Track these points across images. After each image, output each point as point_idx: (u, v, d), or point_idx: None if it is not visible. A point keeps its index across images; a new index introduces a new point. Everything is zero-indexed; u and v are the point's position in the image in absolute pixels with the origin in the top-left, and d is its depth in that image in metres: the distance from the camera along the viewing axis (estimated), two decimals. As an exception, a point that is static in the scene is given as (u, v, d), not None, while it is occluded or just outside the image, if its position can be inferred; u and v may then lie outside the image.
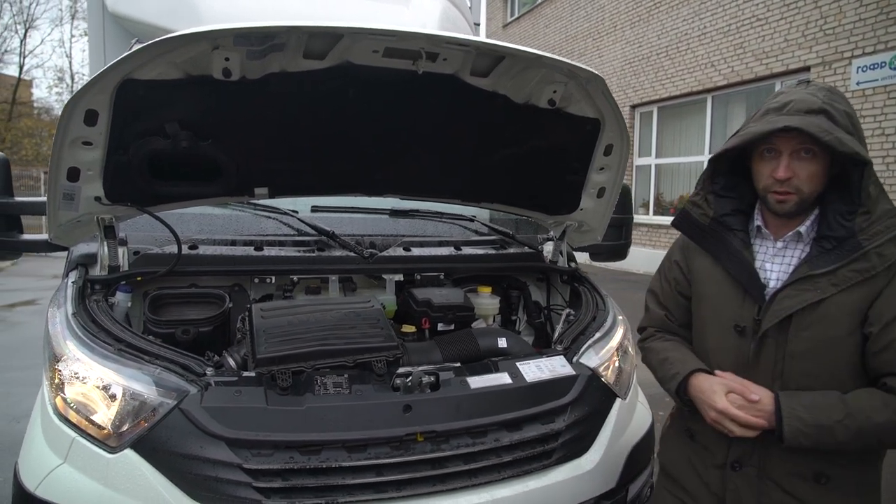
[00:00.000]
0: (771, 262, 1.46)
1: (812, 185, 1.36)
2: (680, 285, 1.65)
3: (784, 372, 1.39)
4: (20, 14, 30.85)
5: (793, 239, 1.44)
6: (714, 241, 1.51)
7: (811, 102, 1.32)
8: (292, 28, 1.67)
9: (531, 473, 1.92)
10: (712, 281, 1.52)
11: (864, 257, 1.32)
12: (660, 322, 1.70)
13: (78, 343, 1.81)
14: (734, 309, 1.46)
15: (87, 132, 1.82)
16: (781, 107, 1.35)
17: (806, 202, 1.38)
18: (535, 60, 1.94)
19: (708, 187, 1.53)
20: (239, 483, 1.64)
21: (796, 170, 1.34)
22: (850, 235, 1.33)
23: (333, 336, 1.94)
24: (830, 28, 8.04)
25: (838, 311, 1.33)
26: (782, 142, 1.34)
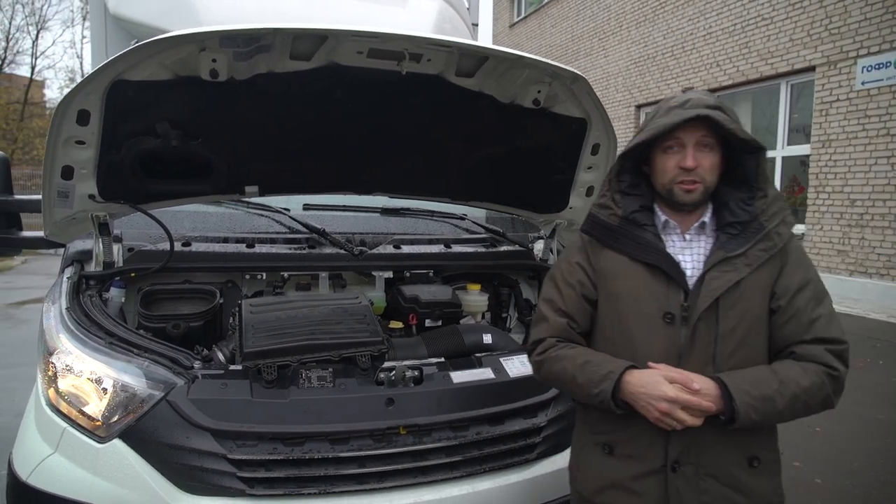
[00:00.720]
0: (682, 253, 1.50)
1: (713, 175, 1.46)
2: (585, 288, 1.57)
3: (716, 354, 1.42)
4: (32, 15, 31.29)
5: (698, 230, 1.51)
6: (626, 239, 1.52)
7: (707, 100, 1.44)
8: (277, 30, 1.72)
9: (513, 467, 1.95)
10: (628, 276, 1.51)
11: (766, 237, 1.43)
12: (561, 331, 1.57)
13: (70, 337, 1.87)
14: (659, 299, 1.46)
15: (80, 131, 1.87)
16: (683, 103, 1.44)
17: (708, 191, 1.47)
18: (517, 61, 1.97)
19: (615, 187, 1.56)
20: (223, 473, 1.69)
21: (700, 160, 1.43)
22: (752, 219, 1.45)
23: (320, 331, 1.98)
24: (836, 27, 8.00)
25: (754, 290, 1.43)
26: (687, 134, 1.43)
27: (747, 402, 1.33)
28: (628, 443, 1.48)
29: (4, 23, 33.56)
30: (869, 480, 3.54)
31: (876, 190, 7.56)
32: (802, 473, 3.57)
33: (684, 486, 1.43)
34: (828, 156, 8.09)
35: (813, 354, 1.39)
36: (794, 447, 3.92)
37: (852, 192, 7.81)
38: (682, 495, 1.43)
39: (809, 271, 1.47)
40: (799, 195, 8.78)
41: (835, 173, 8.01)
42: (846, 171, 7.87)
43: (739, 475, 1.43)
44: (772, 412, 1.35)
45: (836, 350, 1.40)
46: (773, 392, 1.35)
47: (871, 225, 7.61)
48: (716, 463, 1.43)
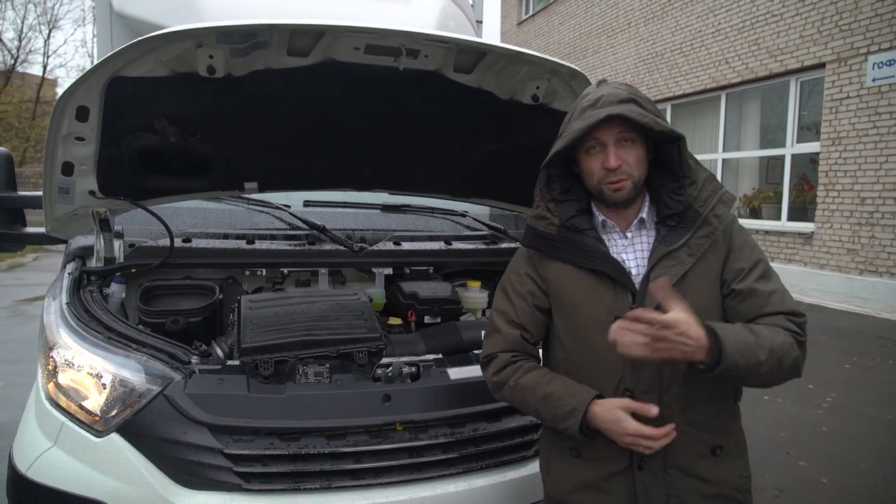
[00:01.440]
0: (625, 252, 1.49)
1: (640, 169, 1.44)
2: (536, 298, 1.55)
3: None
4: (44, 15, 31.53)
5: (637, 227, 1.49)
6: (568, 247, 1.49)
7: (620, 94, 1.41)
8: (273, 26, 1.72)
9: (510, 464, 1.95)
10: (576, 284, 1.48)
11: (705, 222, 1.42)
12: (515, 343, 1.55)
13: (70, 331, 1.88)
14: (608, 304, 1.44)
15: (80, 128, 1.89)
16: (595, 102, 1.41)
17: (638, 186, 1.45)
18: (515, 56, 1.97)
19: (546, 196, 1.52)
20: (220, 467, 1.70)
21: (623, 157, 1.41)
22: (686, 208, 1.43)
23: (318, 327, 1.98)
24: (846, 24, 7.92)
25: (700, 280, 1.41)
26: (605, 133, 1.40)
27: (734, 346, 1.30)
28: (594, 447, 1.47)
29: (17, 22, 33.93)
30: (875, 480, 3.50)
31: (887, 188, 7.49)
32: (808, 473, 3.54)
33: (651, 482, 1.45)
34: (837, 153, 8.02)
35: (778, 323, 1.38)
36: (800, 446, 3.89)
37: (862, 190, 7.73)
38: (650, 491, 1.45)
39: (755, 251, 1.46)
40: (808, 193, 8.71)
41: (845, 171, 7.93)
42: (856, 169, 7.80)
43: (703, 465, 1.45)
44: (754, 363, 1.31)
45: (797, 321, 1.39)
46: (754, 343, 1.32)
47: (882, 223, 7.53)
48: (681, 457, 1.44)
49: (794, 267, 8.62)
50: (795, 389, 4.93)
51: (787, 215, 9.01)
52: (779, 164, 9.28)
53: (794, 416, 4.42)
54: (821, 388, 4.98)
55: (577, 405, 1.41)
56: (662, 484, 1.44)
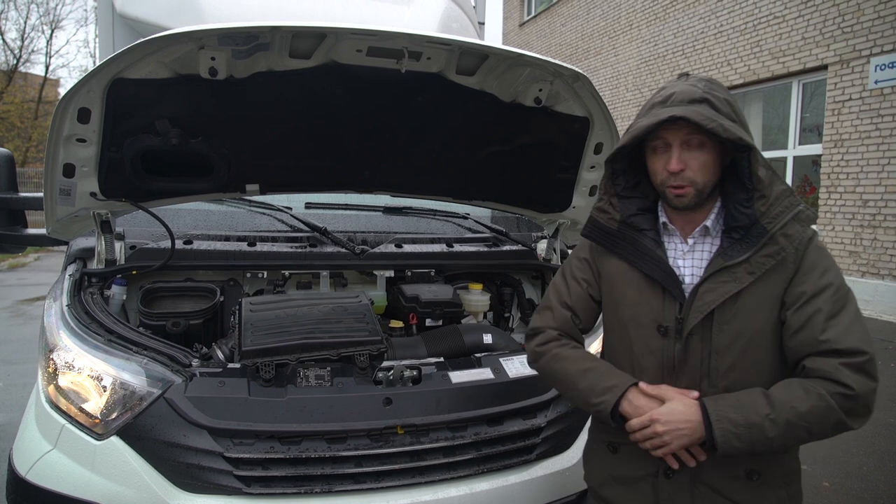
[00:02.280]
0: (683, 258, 1.43)
1: (705, 175, 1.35)
2: (591, 287, 1.56)
3: (710, 369, 1.36)
4: (46, 15, 31.55)
5: (701, 234, 1.42)
6: (625, 244, 1.46)
7: (692, 92, 1.32)
8: (275, 28, 1.71)
9: (512, 468, 1.94)
10: (629, 283, 1.46)
11: (771, 241, 1.31)
12: (564, 323, 1.55)
13: (70, 334, 1.88)
14: (655, 310, 1.41)
15: (81, 129, 1.88)
16: (665, 100, 1.35)
17: (703, 193, 1.36)
18: (518, 59, 1.96)
19: (611, 190, 1.49)
20: (220, 471, 1.69)
21: (688, 161, 1.33)
22: (753, 222, 1.32)
23: (319, 330, 1.98)
24: (849, 26, 7.90)
25: (757, 301, 1.32)
26: (670, 134, 1.34)
27: (727, 430, 1.24)
28: (629, 445, 1.45)
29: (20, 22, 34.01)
30: (878, 484, 3.49)
31: (889, 190, 7.46)
32: (810, 476, 3.53)
33: (676, 493, 1.41)
34: (840, 156, 8.00)
35: (823, 370, 1.25)
36: (802, 450, 3.86)
37: (864, 192, 7.71)
38: (674, 501, 1.41)
39: (827, 275, 1.31)
40: (810, 195, 8.69)
41: (847, 173, 7.91)
42: (858, 171, 7.78)
43: (735, 487, 1.37)
44: (761, 440, 1.24)
45: (853, 363, 1.23)
46: (761, 419, 1.23)
47: (884, 226, 7.51)
48: (711, 473, 1.37)
49: (796, 269, 8.59)
50: (797, 392, 4.92)
51: (789, 217, 8.98)
52: (781, 166, 9.25)
53: (796, 419, 4.41)
54: (823, 391, 4.96)
55: (619, 383, 1.39)
56: (689, 497, 1.40)
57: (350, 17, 3.19)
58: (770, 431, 1.23)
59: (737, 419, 1.25)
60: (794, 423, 1.23)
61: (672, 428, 1.29)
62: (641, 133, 1.34)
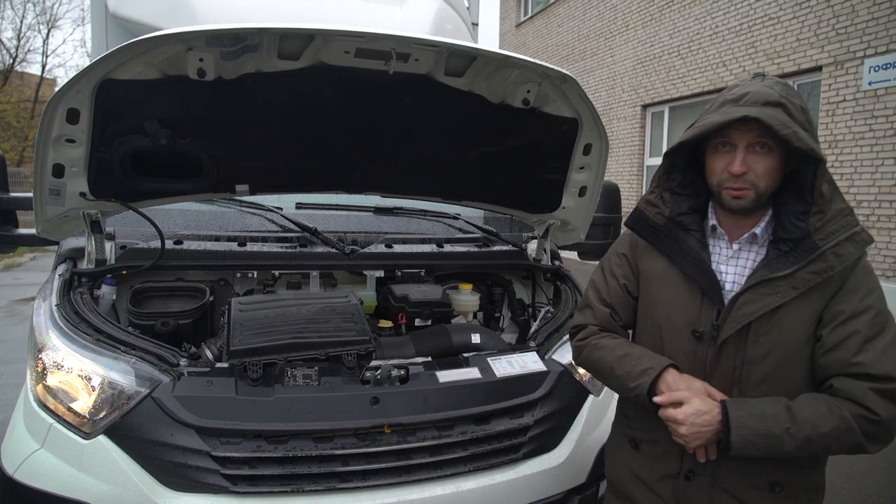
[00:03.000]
0: (726, 264, 1.40)
1: (768, 181, 1.31)
2: (629, 283, 1.55)
3: (742, 378, 1.34)
4: (43, 14, 31.51)
5: (748, 241, 1.39)
6: (670, 241, 1.44)
7: (769, 95, 1.27)
8: (262, 29, 1.72)
9: (498, 467, 1.95)
10: (667, 283, 1.45)
11: (821, 258, 1.27)
12: (604, 320, 1.56)
13: (59, 333, 1.88)
14: (692, 313, 1.39)
15: (70, 130, 1.89)
16: (738, 98, 1.30)
17: (761, 199, 1.33)
18: (505, 60, 1.97)
19: (664, 184, 1.46)
20: (207, 470, 1.70)
21: (752, 164, 1.29)
22: (805, 236, 1.28)
23: (307, 329, 1.98)
24: (843, 27, 7.93)
25: (797, 316, 1.30)
26: (738, 135, 1.30)
27: (745, 436, 1.24)
28: (651, 443, 1.48)
29: (16, 21, 33.91)
30: (868, 483, 3.51)
31: (882, 191, 7.49)
32: (800, 476, 3.55)
33: (697, 496, 1.40)
34: (834, 157, 8.02)
35: (851, 392, 1.23)
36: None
37: (858, 193, 7.73)
38: None
39: (870, 297, 1.28)
40: (805, 196, 8.72)
41: (841, 174, 7.93)
42: (852, 172, 7.80)
43: (756, 496, 1.36)
44: (776, 451, 1.24)
45: (883, 389, 1.21)
46: (781, 431, 1.22)
47: (878, 226, 7.53)
48: (732, 479, 1.37)
49: (790, 270, 8.62)
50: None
51: (784, 218, 9.01)
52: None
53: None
54: (815, 391, 4.99)
55: (654, 365, 1.39)
56: (709, 500, 1.39)
57: (343, 17, 3.19)
58: (787, 444, 1.23)
59: (757, 427, 1.24)
60: (813, 440, 1.22)
61: (694, 431, 1.28)
62: (710, 129, 1.30)
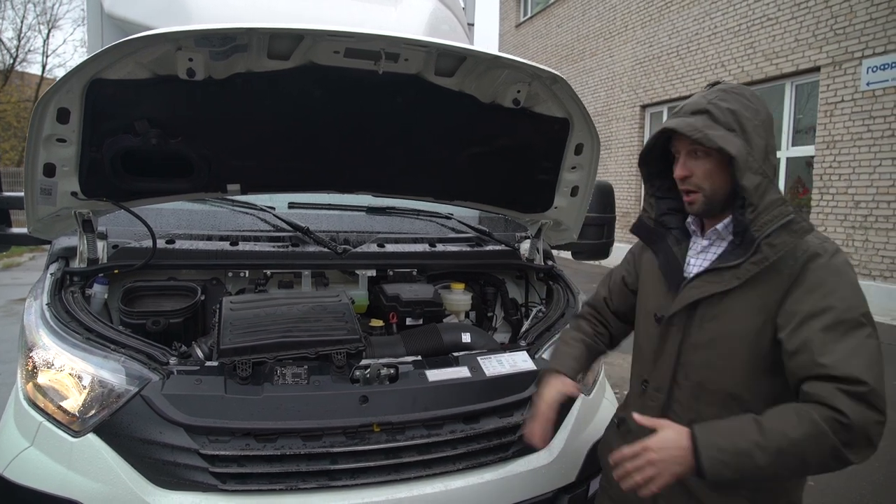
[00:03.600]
0: (696, 257, 1.51)
1: (712, 183, 1.39)
2: (629, 276, 1.75)
3: (685, 362, 1.43)
4: (43, 14, 31.58)
5: (716, 237, 1.48)
6: (658, 240, 1.60)
7: (697, 104, 1.39)
8: (251, 29, 1.73)
9: (488, 465, 1.95)
10: (651, 276, 1.62)
11: (758, 249, 1.32)
12: (598, 302, 1.82)
13: (49, 332, 1.89)
14: (658, 300, 1.54)
15: (61, 129, 1.89)
16: (679, 110, 1.44)
17: (712, 200, 1.42)
18: (494, 61, 1.98)
19: (649, 191, 1.63)
20: (196, 468, 1.70)
21: (693, 168, 1.41)
22: (745, 230, 1.36)
23: (297, 328, 1.99)
24: (841, 28, 7.94)
25: (742, 306, 1.36)
26: (679, 143, 1.43)
27: (715, 457, 1.21)
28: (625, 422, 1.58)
29: (16, 21, 33.97)
30: (862, 483, 3.51)
31: (880, 191, 7.50)
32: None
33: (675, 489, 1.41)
34: (832, 157, 8.03)
35: (819, 394, 1.19)
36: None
37: (856, 193, 7.75)
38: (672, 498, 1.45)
39: (831, 297, 1.25)
40: (803, 196, 8.73)
41: (839, 174, 7.95)
42: (850, 173, 7.81)
43: (698, 486, 1.39)
44: (749, 468, 1.20)
45: (852, 391, 1.16)
46: (750, 446, 1.19)
47: (876, 227, 7.55)
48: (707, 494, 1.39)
49: (788, 270, 8.63)
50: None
51: (782, 218, 9.01)
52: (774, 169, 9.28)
53: (783, 419, 4.43)
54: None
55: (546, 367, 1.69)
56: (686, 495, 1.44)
57: (337, 18, 3.20)
58: (760, 459, 1.19)
59: (725, 446, 1.22)
60: (785, 450, 1.18)
61: (666, 456, 1.24)
62: (649, 145, 1.51)
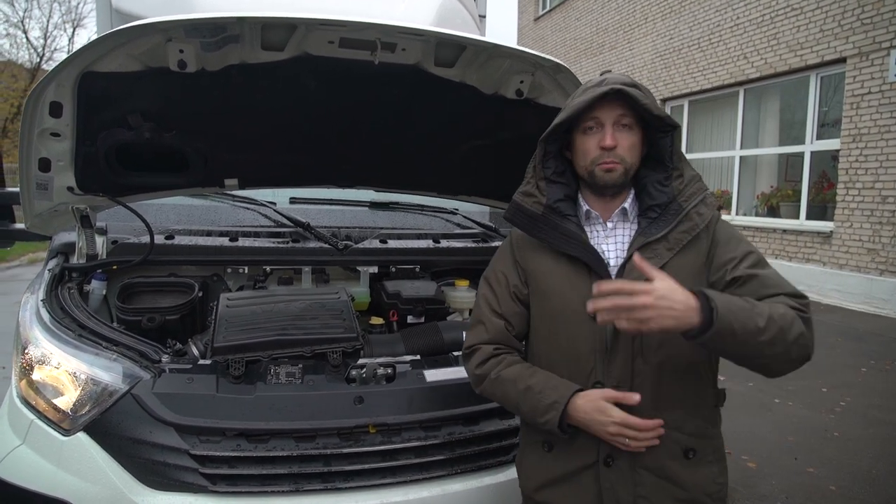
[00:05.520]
0: (605, 242, 1.47)
1: (632, 156, 1.43)
2: (518, 289, 1.54)
3: (643, 345, 1.39)
4: (69, 13, 32.08)
5: (620, 217, 1.48)
6: (549, 229, 1.47)
7: (624, 78, 1.42)
8: (241, 18, 1.68)
9: (487, 469, 1.89)
10: (556, 275, 1.48)
11: (686, 218, 1.40)
12: (498, 333, 1.53)
13: (42, 329, 1.87)
14: (583, 294, 1.38)
15: (54, 124, 1.87)
16: (600, 82, 1.42)
17: (629, 172, 1.44)
18: (495, 50, 1.91)
19: (539, 173, 1.51)
20: (186, 468, 1.67)
21: (619, 140, 1.41)
22: (670, 200, 1.42)
23: (293, 326, 1.95)
24: (868, 17, 7.68)
25: (679, 275, 1.31)
26: (605, 113, 1.41)
27: (727, 308, 1.21)
28: (566, 440, 1.44)
29: (43, 20, 34.60)
30: (886, 489, 3.38)
31: (909, 186, 7.26)
32: (816, 479, 3.43)
33: (618, 480, 1.42)
34: (858, 150, 7.79)
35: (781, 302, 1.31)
36: (809, 452, 3.77)
37: (884, 188, 7.50)
38: (617, 489, 1.42)
39: (743, 243, 1.43)
40: (828, 191, 8.49)
41: (865, 169, 7.70)
42: (877, 167, 7.57)
43: (675, 468, 1.41)
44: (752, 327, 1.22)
45: (801, 303, 1.33)
46: (749, 308, 1.24)
47: (904, 222, 7.31)
48: (651, 456, 1.39)
49: (812, 267, 8.41)
50: (808, 393, 4.80)
51: (806, 214, 8.79)
52: (798, 162, 9.05)
53: (804, 419, 4.30)
54: (834, 392, 4.84)
55: (559, 398, 1.39)
56: (631, 483, 1.41)
57: (342, 9, 3.14)
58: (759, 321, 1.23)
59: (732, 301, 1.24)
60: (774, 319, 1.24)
61: (665, 304, 1.19)
62: (583, 106, 1.39)
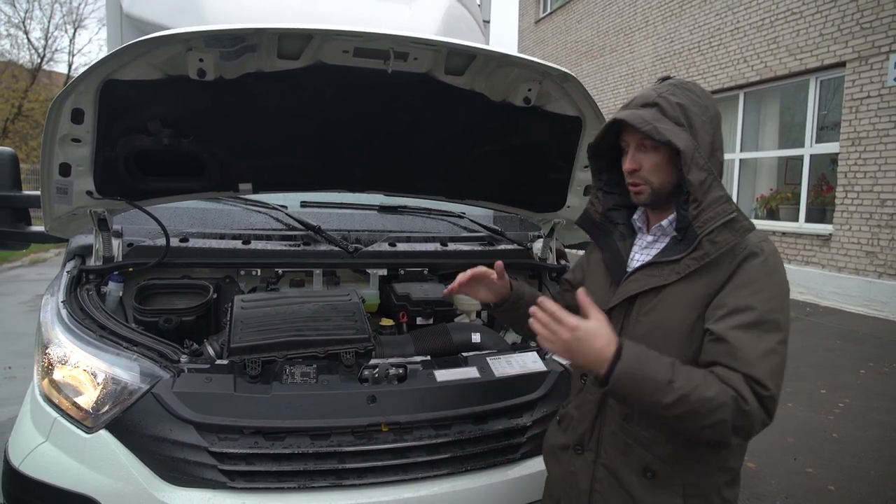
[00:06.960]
0: (640, 252, 1.51)
1: (659, 176, 1.39)
2: (577, 273, 1.76)
3: None
4: (69, 14, 32.12)
5: (661, 232, 1.48)
6: (603, 234, 1.59)
7: (647, 97, 1.39)
8: (260, 30, 1.74)
9: (496, 467, 1.94)
10: (596, 271, 1.61)
11: (699, 245, 1.32)
12: None
13: (64, 329, 1.92)
14: (600, 294, 1.49)
15: (76, 130, 1.92)
16: (628, 104, 1.44)
17: (659, 193, 1.41)
18: (504, 59, 1.96)
19: (597, 184, 1.61)
20: (205, 465, 1.72)
21: (641, 161, 1.40)
22: (687, 225, 1.36)
23: (307, 327, 2.00)
24: (867, 21, 7.75)
25: (678, 301, 1.35)
26: (628, 136, 1.42)
27: (631, 371, 1.22)
28: (566, 417, 1.60)
29: (44, 21, 34.65)
30: (885, 489, 3.44)
31: (907, 190, 7.32)
32: (815, 480, 3.48)
33: (582, 469, 1.50)
34: (857, 154, 7.85)
35: (730, 379, 1.21)
36: (808, 453, 3.83)
37: (882, 191, 7.56)
38: (578, 476, 1.51)
39: (757, 296, 1.27)
40: (827, 194, 8.55)
41: (864, 172, 7.77)
42: (876, 170, 7.63)
43: (631, 479, 1.40)
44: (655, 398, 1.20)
45: (756, 391, 1.20)
46: (663, 381, 1.20)
47: (903, 226, 7.36)
48: (612, 458, 1.45)
49: (811, 269, 8.47)
50: (807, 394, 4.85)
51: (805, 216, 8.85)
52: (797, 165, 9.11)
53: (803, 421, 4.35)
54: (833, 394, 4.89)
55: None
56: (590, 476, 1.49)
57: (349, 16, 3.20)
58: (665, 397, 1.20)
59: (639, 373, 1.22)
60: (690, 400, 1.19)
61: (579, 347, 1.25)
62: (599, 137, 1.48)
